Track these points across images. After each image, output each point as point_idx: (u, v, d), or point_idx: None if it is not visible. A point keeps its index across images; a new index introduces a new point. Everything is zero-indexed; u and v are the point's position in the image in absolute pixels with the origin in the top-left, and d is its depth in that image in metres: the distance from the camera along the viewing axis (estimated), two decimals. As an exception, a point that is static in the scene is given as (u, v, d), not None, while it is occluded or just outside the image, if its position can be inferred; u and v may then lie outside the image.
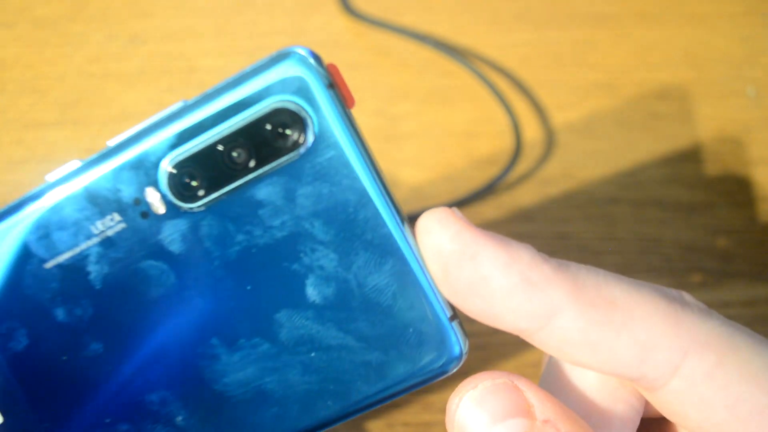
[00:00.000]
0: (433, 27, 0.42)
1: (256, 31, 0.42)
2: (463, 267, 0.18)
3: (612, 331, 0.18)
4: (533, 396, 0.19)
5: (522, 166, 0.38)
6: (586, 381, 0.21)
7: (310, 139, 0.19)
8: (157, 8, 0.42)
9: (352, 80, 0.22)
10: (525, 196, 0.37)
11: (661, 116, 0.39)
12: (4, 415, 0.20)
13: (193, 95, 0.19)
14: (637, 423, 0.21)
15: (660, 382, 0.18)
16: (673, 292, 0.19)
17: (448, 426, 0.19)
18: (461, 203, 0.36)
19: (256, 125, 0.19)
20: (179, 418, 0.20)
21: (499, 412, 0.18)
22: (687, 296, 0.20)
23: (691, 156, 0.38)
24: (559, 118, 0.39)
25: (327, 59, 0.19)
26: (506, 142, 0.39)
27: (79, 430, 0.21)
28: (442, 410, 0.32)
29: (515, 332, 0.19)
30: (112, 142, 0.20)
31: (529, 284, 0.18)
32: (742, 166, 0.38)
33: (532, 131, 0.39)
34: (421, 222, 0.19)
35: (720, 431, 0.18)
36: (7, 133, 0.38)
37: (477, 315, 0.18)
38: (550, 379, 0.21)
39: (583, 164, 0.38)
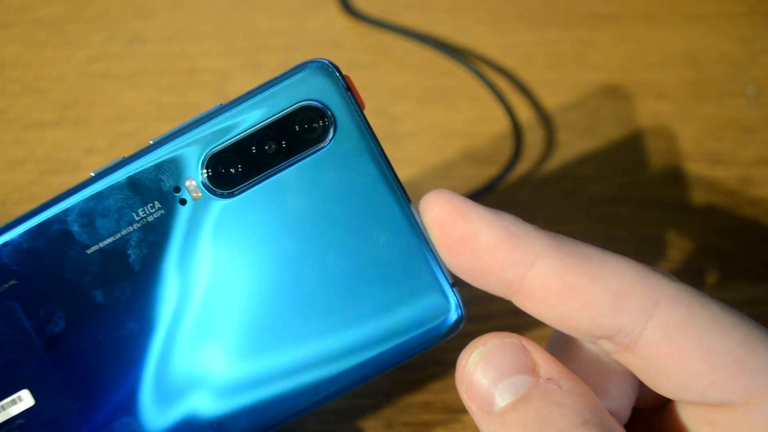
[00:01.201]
0: (433, 27, 0.42)
1: (256, 31, 0.42)
2: (457, 224, 0.20)
3: (587, 278, 0.20)
4: (539, 356, 0.21)
5: (522, 166, 0.38)
6: (586, 352, 0.22)
7: (331, 133, 0.22)
8: (157, 8, 0.42)
9: (352, 80, 0.22)
10: (525, 196, 0.37)
11: (661, 116, 0.39)
12: (37, 399, 0.22)
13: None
14: (633, 398, 0.22)
15: (636, 333, 0.20)
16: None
17: (457, 381, 0.21)
18: (461, 203, 0.36)
19: (285, 121, 0.22)
20: (212, 388, 0.22)
21: (505, 369, 0.20)
22: (657, 268, 0.21)
23: (691, 156, 0.38)
24: (559, 118, 0.39)
25: (327, 59, 0.22)
26: (506, 142, 0.39)
27: (111, 408, 0.22)
28: (443, 410, 0.32)
29: (504, 290, 0.21)
30: (154, 140, 0.22)
31: (513, 236, 0.20)
32: (741, 166, 0.38)
33: (532, 131, 0.39)
34: (423, 198, 0.21)
35: (698, 384, 0.19)
36: (7, 133, 0.38)
37: (470, 273, 0.21)
38: (553, 349, 0.23)
39: (583, 164, 0.38)
